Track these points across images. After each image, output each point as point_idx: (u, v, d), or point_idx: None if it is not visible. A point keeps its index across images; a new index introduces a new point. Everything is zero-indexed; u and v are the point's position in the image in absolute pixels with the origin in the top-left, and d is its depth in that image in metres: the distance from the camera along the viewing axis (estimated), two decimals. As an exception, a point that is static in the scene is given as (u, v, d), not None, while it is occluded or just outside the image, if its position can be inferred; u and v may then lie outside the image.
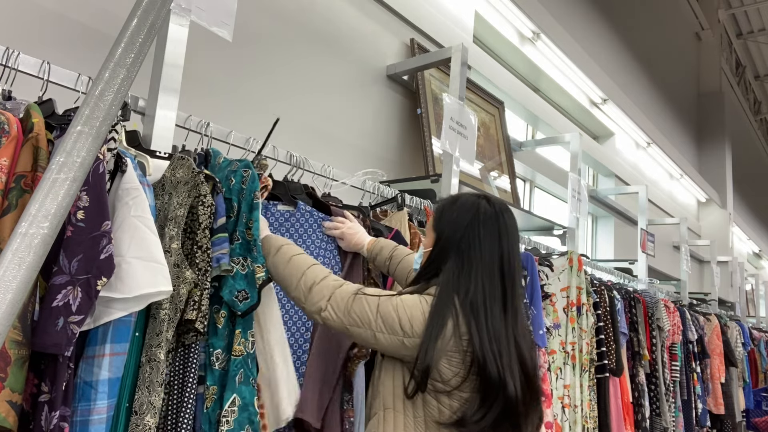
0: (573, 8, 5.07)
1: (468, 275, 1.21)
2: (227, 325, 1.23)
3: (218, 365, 1.21)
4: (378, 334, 1.19)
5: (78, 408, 1.02)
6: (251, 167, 1.33)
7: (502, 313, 1.20)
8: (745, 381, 5.32)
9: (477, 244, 1.24)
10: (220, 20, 1.49)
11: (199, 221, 1.19)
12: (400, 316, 1.18)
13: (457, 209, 1.30)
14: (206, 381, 1.20)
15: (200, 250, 1.18)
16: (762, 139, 12.98)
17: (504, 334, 1.18)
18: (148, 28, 0.88)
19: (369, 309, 1.19)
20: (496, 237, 1.25)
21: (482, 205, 1.28)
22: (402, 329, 1.17)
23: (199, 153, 1.39)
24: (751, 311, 8.07)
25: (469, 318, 1.17)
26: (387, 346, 1.20)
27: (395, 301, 1.20)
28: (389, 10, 2.95)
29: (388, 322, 1.18)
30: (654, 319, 3.47)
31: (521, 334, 1.23)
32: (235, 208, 1.30)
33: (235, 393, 1.17)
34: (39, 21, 1.69)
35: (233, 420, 1.16)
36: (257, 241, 1.28)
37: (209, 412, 1.19)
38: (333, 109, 2.61)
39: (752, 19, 10.62)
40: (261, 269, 1.26)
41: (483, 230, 1.25)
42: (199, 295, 1.15)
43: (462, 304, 1.18)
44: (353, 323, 1.20)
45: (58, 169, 0.77)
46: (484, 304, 1.19)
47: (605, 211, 5.34)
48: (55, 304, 0.96)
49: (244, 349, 1.21)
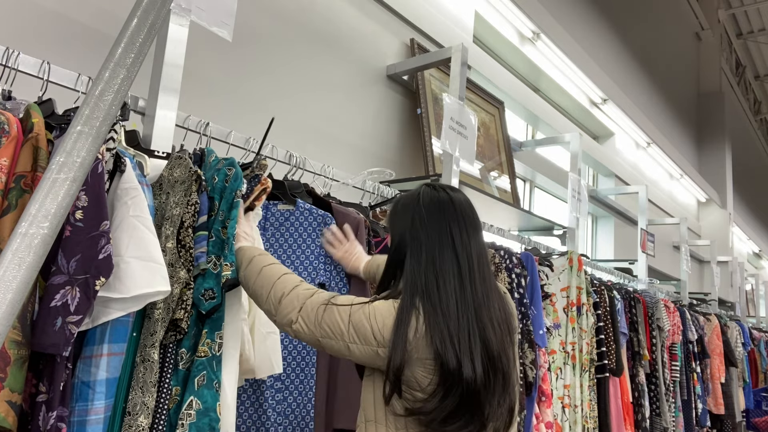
0: (573, 8, 5.07)
1: (421, 263, 1.15)
2: (195, 325, 1.19)
3: (182, 365, 1.17)
4: (351, 345, 1.13)
5: (75, 408, 1.02)
6: (236, 165, 1.29)
7: (458, 291, 1.13)
8: (745, 381, 5.32)
9: (423, 229, 1.18)
10: (220, 20, 1.49)
11: (183, 220, 1.18)
12: (372, 325, 1.12)
13: (401, 202, 1.27)
14: (171, 382, 1.15)
15: (184, 249, 1.17)
16: (762, 139, 12.98)
17: (464, 315, 1.11)
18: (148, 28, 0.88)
19: (340, 319, 1.13)
20: (442, 216, 1.19)
21: (423, 191, 1.24)
22: (375, 339, 1.11)
23: (196, 152, 1.38)
24: (751, 311, 8.07)
25: (428, 313, 1.11)
26: (360, 356, 1.14)
27: (367, 309, 1.14)
28: (389, 10, 2.95)
29: (360, 332, 1.12)
30: (654, 319, 3.47)
31: (487, 310, 1.14)
32: (216, 206, 1.26)
33: (193, 396, 1.11)
34: (39, 21, 1.69)
35: (189, 424, 1.10)
36: (231, 239, 1.23)
37: (171, 414, 1.13)
38: (333, 109, 2.61)
39: (752, 19, 10.62)
40: (228, 267, 1.19)
41: (426, 213, 1.20)
42: (188, 295, 1.15)
43: (422, 302, 1.12)
44: (325, 335, 1.14)
45: (58, 169, 0.77)
46: (437, 289, 1.12)
47: (605, 211, 5.34)
48: (53, 304, 0.96)
49: (209, 350, 1.15)
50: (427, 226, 1.18)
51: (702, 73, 9.38)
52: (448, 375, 1.07)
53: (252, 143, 1.63)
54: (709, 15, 9.21)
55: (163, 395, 1.12)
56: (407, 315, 1.11)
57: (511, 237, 2.79)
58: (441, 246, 1.16)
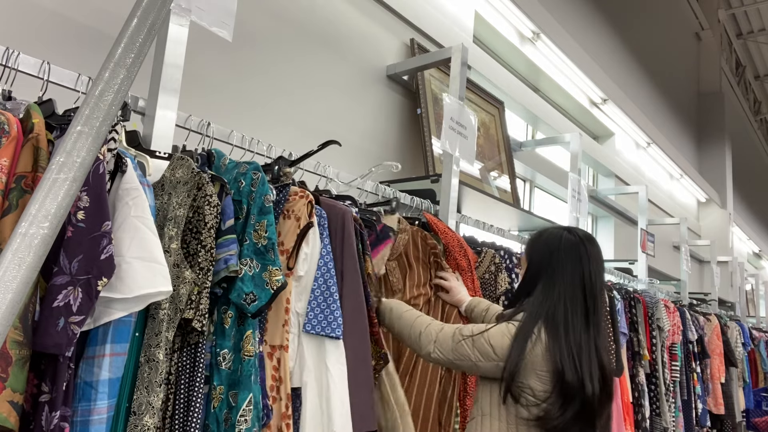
0: (573, 8, 5.07)
1: (551, 298, 1.44)
2: (234, 326, 1.24)
3: (225, 365, 1.22)
4: (478, 363, 1.46)
5: (78, 408, 1.02)
6: (260, 170, 1.33)
7: (584, 326, 1.42)
8: (745, 381, 5.32)
9: (560, 270, 1.46)
10: (220, 20, 1.49)
11: (206, 221, 1.19)
12: (493, 345, 1.44)
13: (544, 240, 1.54)
14: (213, 381, 1.21)
15: (203, 249, 1.18)
16: (762, 139, 12.98)
17: (586, 344, 1.40)
18: (148, 28, 0.88)
19: (468, 348, 1.47)
20: (578, 262, 1.47)
21: (564, 235, 1.51)
22: (496, 355, 1.43)
23: (201, 153, 1.38)
24: (751, 311, 8.07)
25: (551, 336, 1.40)
26: (486, 370, 1.46)
27: (485, 335, 1.46)
28: (389, 10, 2.95)
29: (483, 353, 1.45)
30: (654, 319, 3.47)
31: (602, 344, 1.46)
32: (244, 210, 1.30)
33: (251, 393, 1.19)
34: (39, 21, 1.69)
35: (252, 419, 1.19)
36: (274, 244, 1.27)
37: (216, 411, 1.20)
38: (333, 109, 2.61)
39: (752, 19, 10.62)
40: (278, 272, 1.26)
41: (565, 257, 1.47)
42: (197, 294, 1.15)
43: (545, 326, 1.41)
44: (457, 358, 1.49)
45: (58, 169, 0.77)
46: (565, 321, 1.41)
47: (605, 211, 5.34)
48: (55, 305, 0.96)
49: (255, 349, 1.23)
50: (564, 268, 1.46)
51: (702, 73, 9.38)
52: (567, 387, 1.36)
53: (256, 144, 1.63)
54: (709, 15, 9.21)
55: (197, 394, 1.15)
56: (527, 334, 1.40)
57: (511, 237, 2.79)
58: (574, 286, 1.45)
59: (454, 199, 2.30)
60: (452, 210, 2.28)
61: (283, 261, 1.38)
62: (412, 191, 2.23)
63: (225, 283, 1.23)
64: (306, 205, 1.41)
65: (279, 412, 1.31)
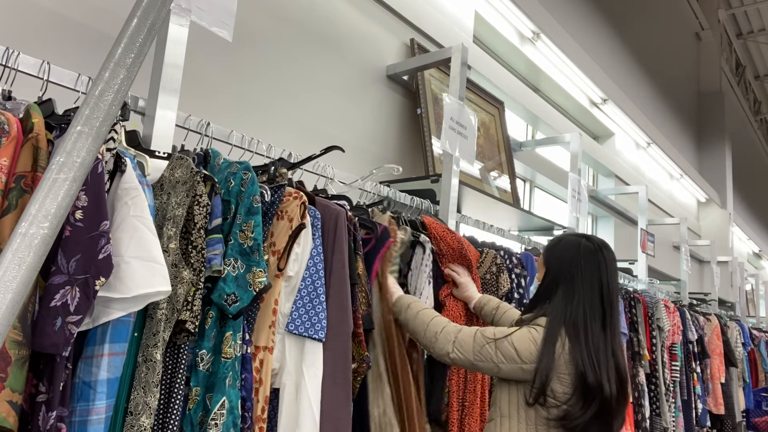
0: (573, 8, 5.07)
1: (572, 303, 1.49)
2: (214, 327, 1.22)
3: (203, 366, 1.20)
4: (500, 365, 1.49)
5: (77, 408, 1.02)
6: (251, 170, 1.32)
7: (601, 330, 1.48)
8: (745, 381, 5.31)
9: (579, 276, 1.51)
10: (220, 20, 1.49)
11: (195, 221, 1.18)
12: (517, 348, 1.48)
13: (562, 247, 1.59)
14: (191, 382, 1.20)
15: (195, 249, 1.18)
16: (762, 139, 12.97)
17: (603, 347, 1.46)
18: (148, 28, 0.88)
19: (491, 350, 1.50)
20: (596, 269, 1.52)
21: (583, 243, 1.56)
22: (520, 358, 1.47)
23: (198, 153, 1.38)
24: (751, 311, 8.07)
25: (573, 340, 1.45)
26: (508, 372, 1.50)
27: (509, 339, 1.50)
28: (389, 10, 2.95)
29: (507, 356, 1.48)
30: (654, 319, 3.47)
31: (618, 347, 1.52)
32: (232, 210, 1.29)
33: (225, 396, 1.17)
34: (39, 21, 1.69)
35: (222, 423, 1.16)
36: (260, 246, 1.26)
37: (191, 413, 1.18)
38: (333, 109, 2.61)
39: (752, 19, 10.62)
40: (262, 274, 1.24)
41: (584, 264, 1.52)
42: (193, 296, 1.15)
43: (567, 330, 1.46)
44: (479, 359, 1.52)
45: (58, 169, 0.77)
46: (585, 325, 1.46)
47: (605, 211, 5.34)
48: (53, 304, 0.96)
49: (233, 351, 1.20)
50: (583, 274, 1.52)
51: (702, 73, 9.37)
52: (588, 389, 1.41)
53: (255, 144, 1.63)
54: (709, 15, 9.20)
55: (177, 395, 1.13)
56: (554, 338, 1.46)
57: (511, 237, 2.79)
58: (592, 292, 1.50)
59: (454, 199, 2.30)
60: (452, 210, 2.28)
61: (275, 262, 1.37)
62: (412, 191, 2.23)
63: (209, 283, 1.22)
64: (299, 206, 1.40)
65: (254, 415, 1.29)
